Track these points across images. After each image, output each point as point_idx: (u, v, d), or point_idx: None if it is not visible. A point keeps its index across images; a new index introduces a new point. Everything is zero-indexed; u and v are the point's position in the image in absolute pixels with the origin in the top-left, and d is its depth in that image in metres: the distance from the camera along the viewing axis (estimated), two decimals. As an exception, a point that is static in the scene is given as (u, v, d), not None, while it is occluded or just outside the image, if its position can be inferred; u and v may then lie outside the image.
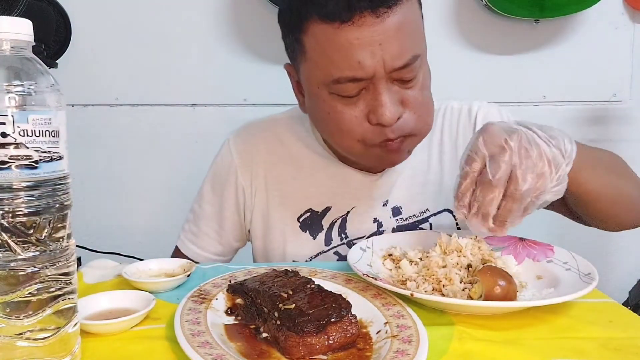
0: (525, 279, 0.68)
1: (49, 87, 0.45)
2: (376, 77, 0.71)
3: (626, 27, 1.84)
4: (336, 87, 0.73)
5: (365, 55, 0.70)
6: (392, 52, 0.70)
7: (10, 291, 0.43)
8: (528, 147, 0.60)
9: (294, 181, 0.92)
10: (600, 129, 1.89)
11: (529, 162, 0.60)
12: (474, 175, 0.62)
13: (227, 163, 0.95)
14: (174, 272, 0.72)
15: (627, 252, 1.93)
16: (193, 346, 0.48)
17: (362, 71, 0.71)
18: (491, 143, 0.61)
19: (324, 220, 0.91)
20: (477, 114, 0.94)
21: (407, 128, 0.76)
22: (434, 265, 0.66)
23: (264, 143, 0.95)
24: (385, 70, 0.71)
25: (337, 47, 0.71)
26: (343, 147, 0.80)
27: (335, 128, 0.78)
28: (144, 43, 1.77)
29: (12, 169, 0.42)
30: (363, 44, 0.70)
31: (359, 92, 0.73)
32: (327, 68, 0.73)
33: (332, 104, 0.75)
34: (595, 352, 0.52)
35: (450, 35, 1.82)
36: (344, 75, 0.71)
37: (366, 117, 0.74)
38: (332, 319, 0.51)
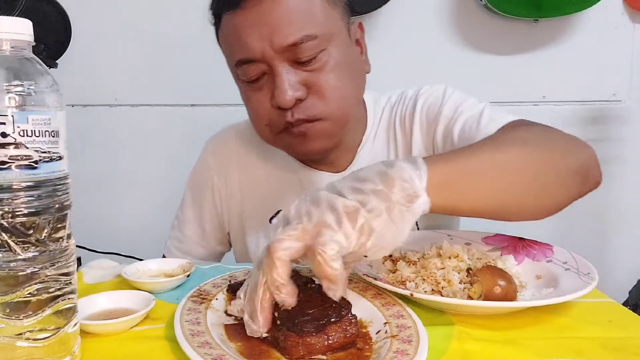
0: (525, 279, 0.68)
1: (48, 87, 0.45)
2: (267, 57, 0.73)
3: (626, 27, 1.85)
4: (239, 72, 0.77)
5: (252, 37, 0.73)
6: (278, 31, 0.72)
7: (10, 291, 0.43)
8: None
9: (266, 183, 0.94)
10: (600, 129, 1.89)
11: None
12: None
13: (205, 167, 0.98)
14: (174, 272, 0.72)
15: (627, 252, 1.93)
16: (193, 346, 0.48)
17: (250, 52, 0.74)
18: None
19: None
20: (418, 100, 0.89)
21: (311, 112, 0.75)
22: (432, 267, 0.66)
23: (238, 145, 0.97)
24: (273, 49, 0.72)
25: (232, 33, 0.76)
26: (259, 133, 0.83)
27: (250, 113, 0.82)
28: (144, 43, 1.77)
29: (12, 169, 0.42)
30: (249, 26, 0.73)
31: (260, 76, 0.76)
32: (229, 54, 0.79)
33: (243, 90, 0.80)
34: (595, 352, 0.52)
35: (450, 35, 1.82)
36: (238, 58, 0.76)
37: (270, 101, 0.76)
38: (332, 319, 0.51)
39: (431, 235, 0.80)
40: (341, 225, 0.49)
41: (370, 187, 0.51)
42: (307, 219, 0.50)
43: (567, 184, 0.65)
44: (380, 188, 0.51)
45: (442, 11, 1.80)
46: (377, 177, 0.52)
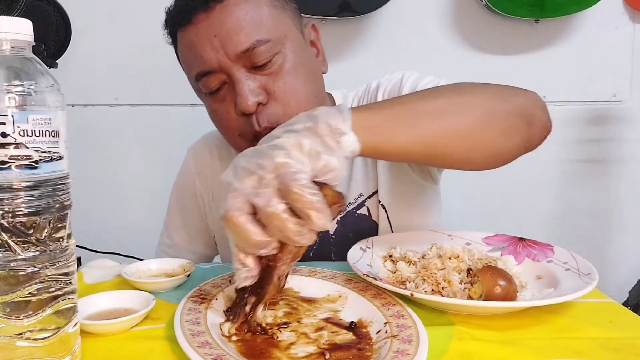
0: (525, 279, 0.68)
1: (49, 87, 0.45)
2: (224, 66, 0.74)
3: (626, 27, 1.85)
4: (200, 85, 0.78)
5: (205, 49, 0.74)
6: (229, 40, 0.73)
7: (10, 291, 0.43)
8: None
9: None
10: (600, 129, 1.89)
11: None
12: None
13: (187, 173, 1.01)
14: (174, 272, 0.72)
15: (627, 252, 1.93)
16: (193, 346, 0.48)
17: (206, 64, 0.75)
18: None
19: None
20: (379, 87, 0.90)
21: (274, 118, 0.75)
22: (433, 267, 0.66)
23: (217, 150, 0.99)
24: (229, 57, 0.73)
25: (187, 48, 0.78)
26: (232, 146, 0.83)
27: (220, 127, 0.82)
28: (144, 43, 1.77)
29: (12, 169, 0.42)
30: (201, 40, 0.75)
31: (221, 86, 0.76)
32: (188, 70, 0.80)
33: (209, 103, 0.80)
34: (595, 352, 0.52)
35: (450, 35, 1.82)
36: (196, 71, 0.77)
37: (235, 110, 0.77)
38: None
39: (431, 235, 0.80)
40: (291, 156, 0.50)
41: (300, 127, 0.53)
42: (261, 169, 0.49)
43: (508, 128, 0.63)
44: (310, 125, 0.53)
45: (442, 11, 1.80)
46: (305, 117, 0.55)
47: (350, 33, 1.80)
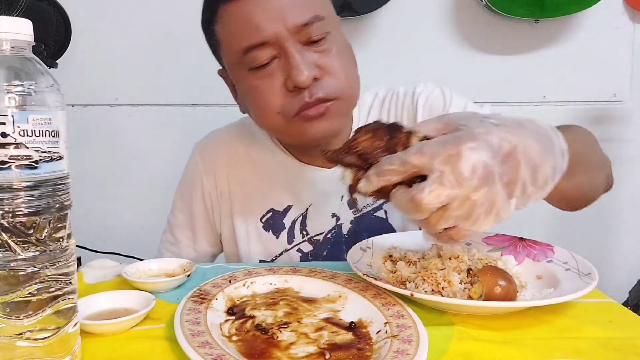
0: (525, 279, 0.68)
1: (49, 87, 0.45)
2: (281, 38, 0.73)
3: (626, 27, 1.85)
4: (248, 59, 0.76)
5: (262, 18, 0.73)
6: (289, 11, 0.73)
7: (10, 291, 0.43)
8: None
9: (255, 182, 0.94)
10: (600, 129, 1.89)
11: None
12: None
13: (193, 170, 0.99)
14: (174, 272, 0.72)
15: (627, 252, 1.94)
16: (193, 346, 0.48)
17: (263, 34, 0.73)
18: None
19: (286, 218, 0.93)
20: (419, 98, 0.91)
21: (326, 91, 0.75)
22: (432, 267, 0.66)
23: (225, 146, 0.98)
24: (287, 29, 0.73)
25: (239, 19, 0.75)
26: (267, 125, 0.82)
27: (257, 105, 0.79)
28: (144, 43, 1.77)
29: (12, 169, 0.42)
30: (259, 10, 0.73)
31: (270, 60, 0.75)
32: (236, 42, 0.76)
33: (250, 81, 0.78)
34: (595, 352, 0.52)
35: (450, 35, 1.82)
36: (249, 43, 0.74)
37: (283, 85, 0.75)
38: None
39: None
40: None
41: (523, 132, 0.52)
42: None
43: (604, 180, 0.76)
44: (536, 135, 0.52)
45: (442, 11, 1.81)
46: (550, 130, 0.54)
47: (350, 33, 1.80)
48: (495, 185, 0.48)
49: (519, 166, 0.49)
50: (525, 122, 0.53)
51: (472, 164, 0.47)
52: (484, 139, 0.49)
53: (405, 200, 0.50)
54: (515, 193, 0.50)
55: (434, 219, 0.50)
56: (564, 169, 0.54)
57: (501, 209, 0.50)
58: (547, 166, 0.51)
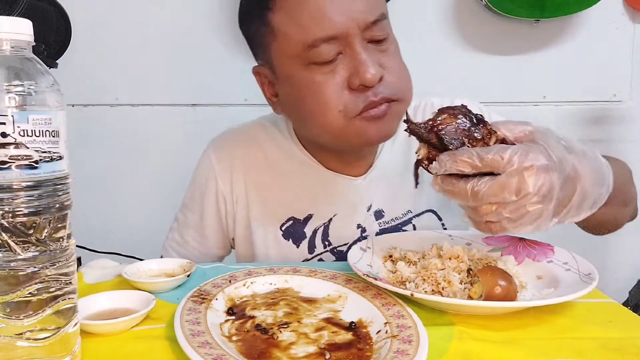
0: (525, 279, 0.68)
1: (49, 87, 0.45)
2: (350, 34, 0.71)
3: (626, 27, 1.85)
4: (312, 54, 0.72)
5: (335, 11, 0.70)
6: (361, 6, 0.71)
7: (10, 291, 0.43)
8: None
9: (274, 187, 0.91)
10: (600, 129, 1.89)
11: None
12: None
13: (207, 171, 0.94)
14: (174, 272, 0.72)
15: (627, 252, 1.93)
16: (193, 346, 0.48)
17: (334, 28, 0.70)
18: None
19: (307, 227, 0.90)
20: None
21: (390, 91, 0.74)
22: (433, 267, 0.66)
23: (242, 148, 0.93)
24: (357, 25, 0.71)
25: (307, 10, 0.71)
26: (323, 124, 0.76)
27: (314, 103, 0.75)
28: (144, 43, 1.77)
29: (12, 169, 0.42)
30: (330, 1, 0.70)
31: (336, 56, 0.72)
32: (300, 34, 0.72)
33: (310, 77, 0.74)
34: (595, 352, 0.52)
35: (450, 35, 1.82)
36: (318, 36, 0.71)
37: (346, 83, 0.73)
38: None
39: (432, 235, 0.80)
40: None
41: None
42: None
43: (631, 210, 0.81)
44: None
45: (442, 11, 1.80)
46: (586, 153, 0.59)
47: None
48: (549, 204, 0.54)
49: (574, 193, 0.56)
50: (588, 152, 0.59)
51: (540, 183, 0.52)
52: (558, 162, 0.54)
53: (464, 186, 0.54)
54: (562, 214, 0.57)
55: (484, 209, 0.55)
56: (603, 202, 0.60)
57: (543, 223, 0.56)
58: (592, 198, 0.58)
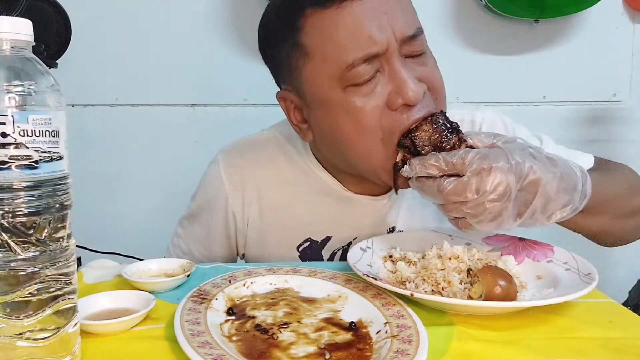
0: (525, 279, 0.68)
1: (49, 87, 0.45)
2: (390, 50, 0.67)
3: (626, 27, 1.84)
4: (351, 75, 0.67)
5: (374, 28, 0.66)
6: (399, 21, 0.68)
7: (10, 291, 0.43)
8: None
9: (290, 208, 0.87)
10: (600, 129, 1.89)
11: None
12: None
13: (217, 187, 0.89)
14: (174, 272, 0.72)
15: (627, 252, 1.92)
16: (193, 346, 0.48)
17: (375, 45, 0.66)
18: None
19: (324, 250, 0.87)
20: (482, 126, 0.88)
21: (433, 107, 0.70)
22: (433, 267, 0.66)
23: (255, 166, 0.88)
24: (397, 40, 0.67)
25: (344, 28, 0.67)
26: (363, 153, 0.72)
27: (355, 130, 0.70)
28: (144, 43, 1.77)
29: (12, 169, 0.42)
30: (370, 17, 0.66)
31: (374, 75, 0.68)
32: (338, 55, 0.67)
33: (348, 101, 0.69)
34: (595, 352, 0.52)
35: (450, 36, 1.82)
36: (358, 55, 0.66)
37: (386, 104, 0.68)
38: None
39: (432, 235, 0.80)
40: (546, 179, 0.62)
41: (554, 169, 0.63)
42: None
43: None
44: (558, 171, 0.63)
45: (442, 11, 1.80)
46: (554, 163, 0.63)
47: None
48: (507, 203, 0.59)
49: (536, 195, 0.60)
50: (560, 162, 0.63)
51: (497, 182, 0.58)
52: (516, 164, 0.59)
53: (432, 185, 0.62)
54: (525, 216, 0.61)
55: (450, 207, 0.62)
56: (579, 209, 0.64)
57: (505, 221, 0.61)
58: (559, 202, 0.62)
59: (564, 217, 0.64)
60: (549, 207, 0.62)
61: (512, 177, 0.59)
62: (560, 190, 0.61)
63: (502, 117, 0.90)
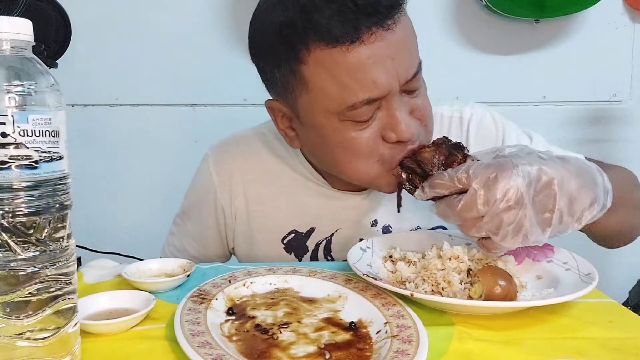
0: (525, 279, 0.68)
1: (49, 87, 0.45)
2: (391, 93, 0.68)
3: (626, 27, 1.84)
4: (350, 114, 0.68)
5: (379, 73, 0.66)
6: (404, 64, 0.68)
7: (10, 291, 0.43)
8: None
9: (276, 201, 0.89)
10: (600, 129, 1.89)
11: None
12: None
13: (206, 182, 0.92)
14: (174, 272, 0.72)
15: (627, 252, 1.92)
16: (193, 346, 0.48)
17: (377, 90, 0.67)
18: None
19: (309, 241, 0.89)
20: (470, 122, 0.89)
21: (422, 138, 0.73)
22: (433, 267, 0.66)
23: (242, 160, 0.91)
24: (399, 83, 0.68)
25: (350, 70, 0.66)
26: (357, 174, 0.74)
27: (348, 156, 0.72)
28: (144, 43, 1.77)
29: (12, 169, 0.42)
30: (376, 61, 0.66)
31: (374, 113, 0.69)
32: (340, 95, 0.67)
33: (343, 132, 0.70)
34: (595, 352, 0.52)
35: (450, 35, 1.82)
36: (359, 98, 0.66)
37: (380, 135, 0.70)
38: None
39: (432, 235, 0.80)
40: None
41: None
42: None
43: None
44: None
45: (442, 11, 1.80)
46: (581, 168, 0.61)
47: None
48: (524, 209, 0.57)
49: (556, 197, 0.57)
50: (571, 159, 0.60)
51: (505, 188, 0.56)
52: (523, 168, 0.57)
53: (444, 206, 0.61)
54: (553, 222, 0.58)
55: (468, 225, 0.60)
56: (607, 205, 0.61)
57: (529, 232, 0.58)
58: (585, 200, 0.58)
59: (594, 217, 0.60)
60: (575, 207, 0.58)
61: (520, 180, 0.56)
62: (581, 187, 0.58)
63: (491, 113, 0.90)
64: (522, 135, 0.89)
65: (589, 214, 0.59)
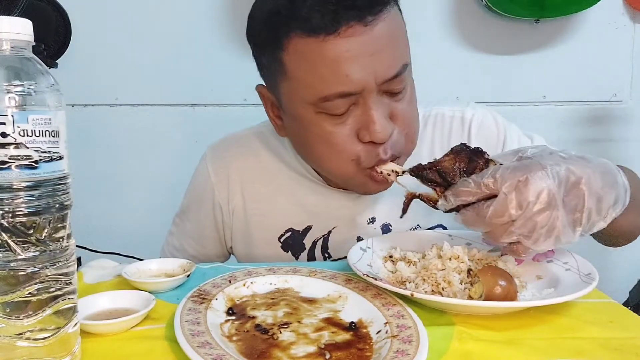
0: (525, 279, 0.68)
1: (49, 87, 0.45)
2: (366, 91, 0.68)
3: (626, 27, 1.85)
4: (324, 105, 0.69)
5: (354, 68, 0.66)
6: (383, 63, 0.67)
7: (10, 291, 0.43)
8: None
9: (273, 199, 0.90)
10: (600, 129, 1.89)
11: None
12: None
13: (204, 180, 0.93)
14: (174, 272, 0.72)
15: (627, 252, 1.92)
16: (193, 346, 0.48)
17: (351, 85, 0.67)
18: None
19: (306, 239, 0.89)
20: (472, 122, 0.88)
21: (397, 149, 0.73)
22: (433, 268, 0.66)
23: (240, 159, 0.92)
24: (376, 82, 0.68)
25: (325, 62, 0.67)
26: (333, 170, 0.76)
27: (325, 150, 0.73)
28: (144, 43, 1.77)
29: (12, 169, 0.42)
30: (352, 57, 0.66)
31: (348, 108, 0.70)
32: (314, 85, 0.68)
33: (319, 124, 0.71)
34: (595, 352, 0.52)
35: (450, 35, 1.82)
36: (333, 91, 0.67)
37: (356, 134, 0.71)
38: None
39: (432, 235, 0.80)
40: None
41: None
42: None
43: None
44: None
45: (442, 11, 1.81)
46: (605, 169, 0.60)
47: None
48: (557, 211, 0.56)
49: (585, 196, 0.56)
50: (591, 158, 0.60)
51: (537, 190, 0.55)
52: (552, 169, 0.56)
53: (472, 214, 0.59)
54: (583, 221, 0.57)
55: (498, 232, 0.58)
56: (626, 203, 0.60)
57: (562, 233, 0.57)
58: (610, 198, 0.58)
59: (617, 215, 0.60)
60: (602, 205, 0.58)
61: (552, 182, 0.55)
62: (606, 185, 0.58)
63: (493, 114, 0.90)
64: (523, 137, 0.89)
65: (613, 212, 0.59)
